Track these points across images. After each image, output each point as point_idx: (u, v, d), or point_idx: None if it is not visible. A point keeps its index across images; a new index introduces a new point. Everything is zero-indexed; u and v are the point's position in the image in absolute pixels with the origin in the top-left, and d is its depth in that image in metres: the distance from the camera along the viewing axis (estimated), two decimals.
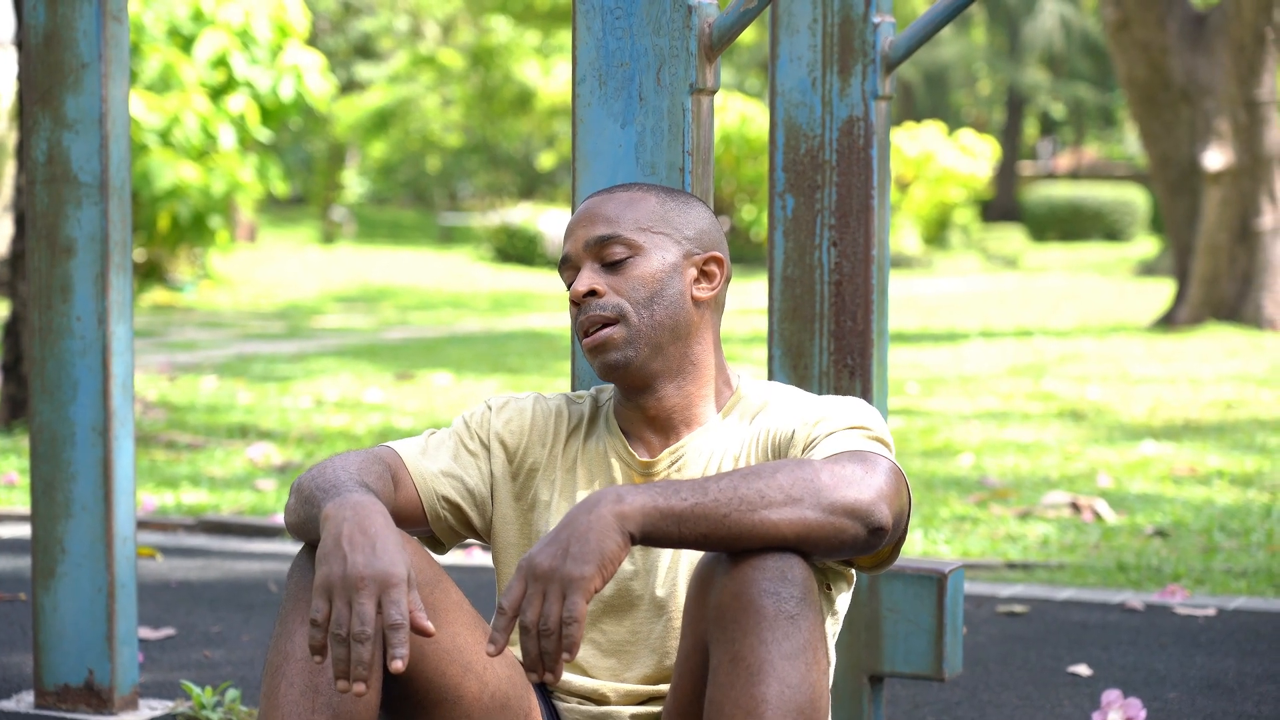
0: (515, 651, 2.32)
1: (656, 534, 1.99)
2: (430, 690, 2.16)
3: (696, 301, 2.30)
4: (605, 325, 2.26)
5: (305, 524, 2.12)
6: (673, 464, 2.29)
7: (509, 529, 2.35)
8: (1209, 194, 14.20)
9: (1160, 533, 5.67)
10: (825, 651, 2.02)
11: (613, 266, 2.27)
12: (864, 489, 2.02)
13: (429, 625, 1.94)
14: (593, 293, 2.27)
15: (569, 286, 2.31)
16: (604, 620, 2.28)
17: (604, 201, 2.32)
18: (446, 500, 2.31)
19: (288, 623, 2.10)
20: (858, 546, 2.04)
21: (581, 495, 2.30)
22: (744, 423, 2.30)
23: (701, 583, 2.06)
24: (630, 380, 2.28)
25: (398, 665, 1.92)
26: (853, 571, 2.25)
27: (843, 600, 2.26)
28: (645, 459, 2.30)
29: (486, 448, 2.35)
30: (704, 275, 2.32)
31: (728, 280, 2.35)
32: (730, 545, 2.00)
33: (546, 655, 1.95)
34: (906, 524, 2.12)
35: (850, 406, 2.21)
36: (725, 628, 2.00)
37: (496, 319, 16.87)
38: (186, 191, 15.47)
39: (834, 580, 2.23)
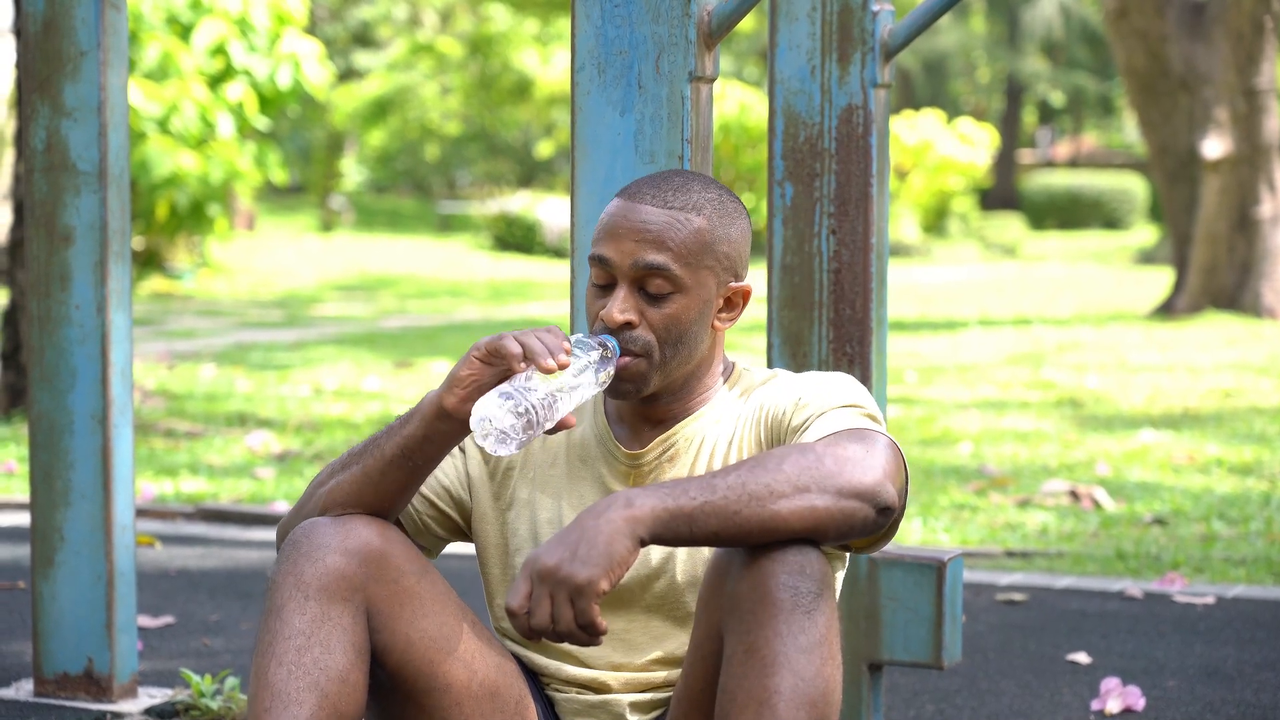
0: (506, 643, 2.32)
1: (668, 535, 1.98)
2: (418, 678, 2.17)
3: (714, 328, 2.27)
4: (629, 356, 2.21)
5: None
6: (664, 453, 2.27)
7: (488, 528, 2.35)
8: (1208, 182, 14.20)
9: (1159, 521, 5.67)
10: (840, 645, 2.02)
11: (652, 298, 2.20)
12: (868, 470, 2.03)
13: None
14: (628, 324, 2.21)
15: (599, 286, 2.23)
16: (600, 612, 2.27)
17: (655, 213, 2.20)
18: (431, 505, 2.34)
19: (275, 601, 2.11)
20: (868, 528, 2.04)
21: (565, 489, 2.30)
22: (737, 404, 2.29)
23: (718, 572, 2.06)
24: (632, 400, 2.27)
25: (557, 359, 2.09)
26: (847, 554, 2.25)
27: (838, 581, 2.26)
28: (634, 450, 2.28)
29: (463, 450, 2.35)
30: (728, 304, 2.27)
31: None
32: (743, 540, 2.00)
33: (574, 640, 1.98)
34: (905, 500, 2.12)
35: (839, 383, 2.20)
36: (741, 618, 2.00)
37: (495, 307, 16.86)
38: (185, 180, 15.46)
39: (830, 561, 2.22)
